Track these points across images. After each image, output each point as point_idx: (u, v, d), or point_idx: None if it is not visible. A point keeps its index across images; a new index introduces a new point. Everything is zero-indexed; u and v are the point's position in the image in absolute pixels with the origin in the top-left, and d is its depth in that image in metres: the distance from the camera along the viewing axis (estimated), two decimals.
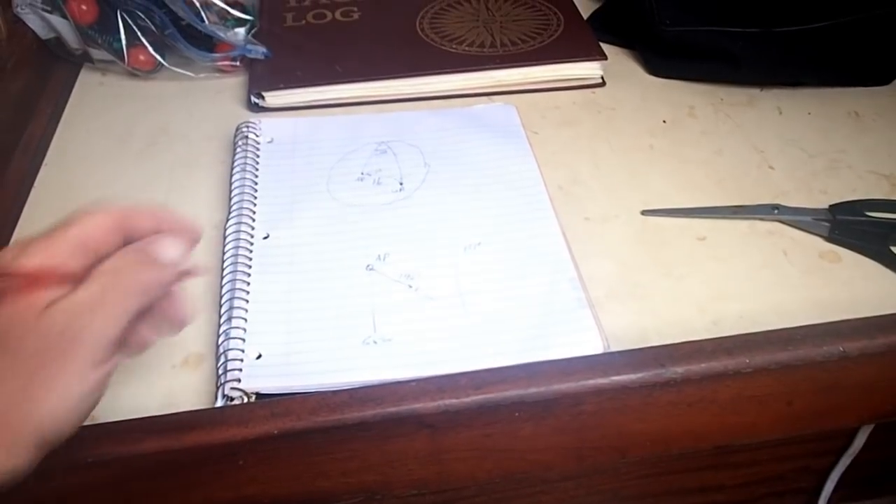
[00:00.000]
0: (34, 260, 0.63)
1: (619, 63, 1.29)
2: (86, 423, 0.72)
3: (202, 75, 1.23)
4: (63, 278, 0.63)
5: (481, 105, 1.19)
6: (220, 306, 0.87)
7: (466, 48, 1.25)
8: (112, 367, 0.64)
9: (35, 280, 0.62)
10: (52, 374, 0.59)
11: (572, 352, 0.81)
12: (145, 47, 1.20)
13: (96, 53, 1.22)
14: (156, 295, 0.67)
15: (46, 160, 1.09)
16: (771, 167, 1.08)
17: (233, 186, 1.01)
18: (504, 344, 0.84)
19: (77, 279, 0.63)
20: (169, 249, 0.68)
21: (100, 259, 0.65)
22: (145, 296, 0.66)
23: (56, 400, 0.59)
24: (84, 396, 0.61)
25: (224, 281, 0.90)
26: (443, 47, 1.26)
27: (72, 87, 1.24)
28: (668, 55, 1.25)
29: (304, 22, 1.33)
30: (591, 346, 0.83)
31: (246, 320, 0.85)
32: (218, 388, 0.79)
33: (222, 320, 0.86)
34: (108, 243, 0.67)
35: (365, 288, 0.90)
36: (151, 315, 0.69)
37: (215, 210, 1.00)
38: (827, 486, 1.12)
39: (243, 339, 0.83)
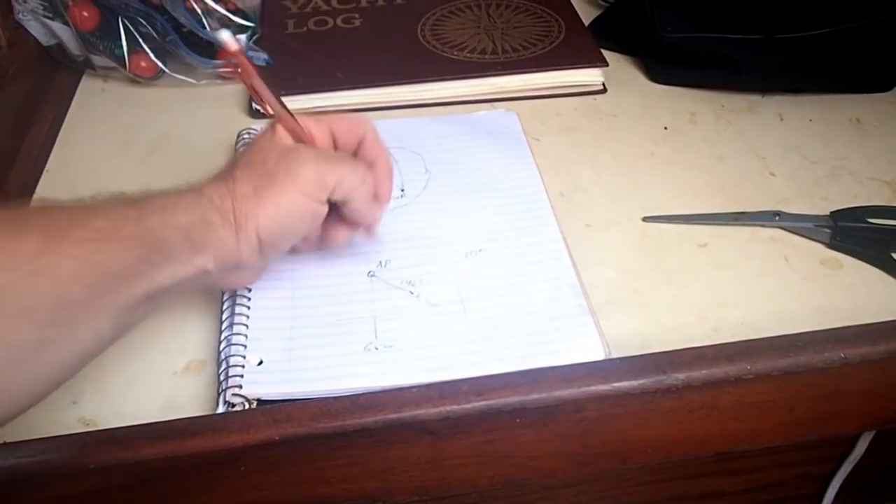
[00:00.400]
0: (301, 122, 0.85)
1: (620, 70, 1.29)
2: (88, 430, 0.73)
3: (203, 82, 1.23)
4: (315, 142, 0.86)
5: (483, 112, 1.19)
6: (222, 313, 0.87)
7: (468, 55, 1.25)
8: (319, 210, 0.83)
9: (295, 131, 0.84)
10: (275, 189, 0.79)
11: (574, 358, 0.81)
12: (147, 54, 1.20)
13: (98, 60, 1.23)
14: (360, 197, 0.85)
15: (48, 166, 1.09)
16: (772, 174, 1.08)
17: None
18: (505, 350, 0.84)
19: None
20: (383, 203, 0.90)
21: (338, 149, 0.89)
22: (360, 187, 0.84)
23: (272, 208, 0.79)
24: (291, 214, 0.81)
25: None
26: (444, 54, 1.26)
27: (73, 93, 1.24)
28: (670, 62, 1.25)
29: (305, 29, 1.33)
30: (593, 352, 0.83)
31: (247, 326, 0.85)
32: (219, 394, 0.79)
33: (224, 327, 0.86)
34: (349, 142, 0.89)
35: (366, 294, 0.90)
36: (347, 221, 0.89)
37: None
38: (828, 493, 1.12)
39: (245, 346, 0.83)
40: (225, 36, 0.80)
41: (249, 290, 0.89)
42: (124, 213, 0.71)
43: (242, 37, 1.24)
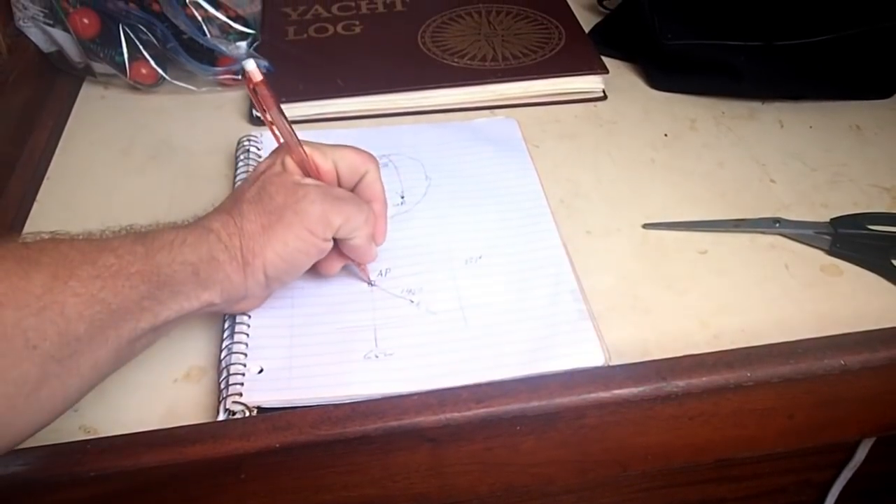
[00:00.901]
0: (309, 156, 0.86)
1: (620, 76, 1.29)
2: (88, 437, 0.73)
3: (204, 89, 1.23)
4: (321, 177, 0.87)
5: (483, 119, 1.19)
6: (223, 321, 0.87)
7: (468, 62, 1.25)
8: (323, 247, 0.84)
9: (303, 165, 0.86)
10: (283, 227, 0.80)
11: (574, 363, 0.81)
12: (147, 61, 1.20)
13: (98, 67, 1.23)
14: (361, 236, 0.87)
15: (48, 173, 1.09)
16: (772, 180, 1.08)
17: None
18: (506, 356, 0.83)
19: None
20: (384, 229, 0.93)
21: (340, 185, 0.90)
22: (363, 227, 0.86)
23: (279, 246, 0.80)
24: (297, 252, 0.82)
25: None
26: (444, 61, 1.26)
27: (74, 100, 1.24)
28: (670, 69, 1.25)
29: (305, 36, 1.33)
30: (593, 357, 0.83)
31: (248, 335, 0.85)
32: (220, 401, 0.80)
33: (224, 335, 0.86)
34: (350, 178, 0.90)
35: (366, 303, 0.90)
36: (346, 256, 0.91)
37: None
38: (828, 500, 1.12)
39: (245, 354, 0.83)
40: (250, 66, 0.82)
41: None
42: (133, 249, 0.72)
43: (243, 44, 1.23)
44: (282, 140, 0.86)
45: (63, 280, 0.66)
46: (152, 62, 1.20)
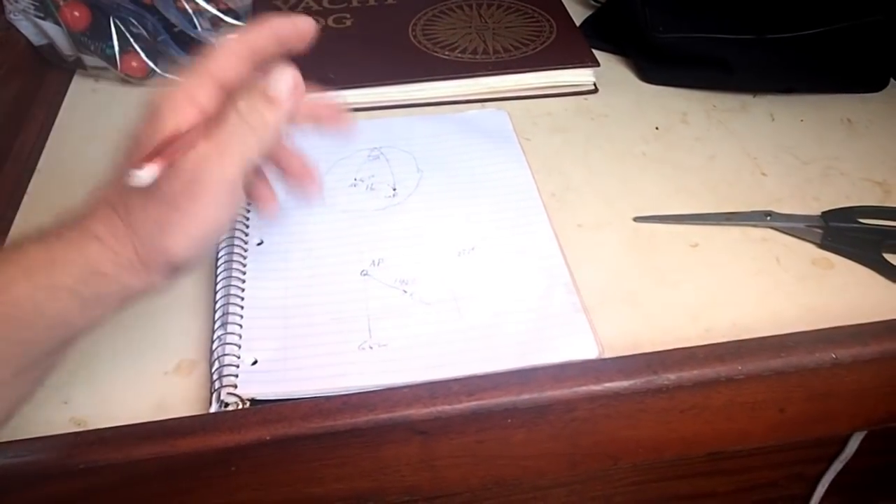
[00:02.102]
0: (170, 122, 0.71)
1: (611, 70, 1.29)
2: (78, 430, 0.73)
3: None
4: (194, 132, 0.70)
5: (474, 111, 1.19)
6: (215, 312, 0.87)
7: (459, 55, 1.25)
8: (238, 197, 0.72)
9: (171, 141, 0.70)
10: (181, 214, 0.68)
11: (567, 355, 0.82)
12: (138, 54, 1.20)
13: (89, 60, 1.22)
14: (273, 138, 0.74)
15: (39, 167, 1.09)
16: (764, 174, 1.08)
17: None
18: (499, 348, 0.84)
19: (213, 118, 0.72)
20: (281, 82, 0.76)
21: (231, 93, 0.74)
22: (263, 140, 0.72)
23: (182, 236, 0.68)
24: (206, 233, 0.71)
25: (218, 287, 0.89)
26: (435, 54, 1.26)
27: (64, 93, 1.23)
28: (661, 62, 1.25)
29: None
30: (587, 349, 0.83)
31: (241, 326, 0.85)
32: (213, 393, 0.79)
33: (217, 326, 0.86)
34: (238, 74, 0.75)
35: (360, 293, 0.90)
36: (272, 173, 0.82)
37: None
38: (817, 492, 1.12)
39: (239, 346, 0.83)
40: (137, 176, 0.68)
41: (243, 290, 0.89)
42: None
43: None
44: None
45: None
46: (143, 55, 1.20)
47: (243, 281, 0.90)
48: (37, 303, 0.65)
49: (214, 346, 0.84)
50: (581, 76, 1.24)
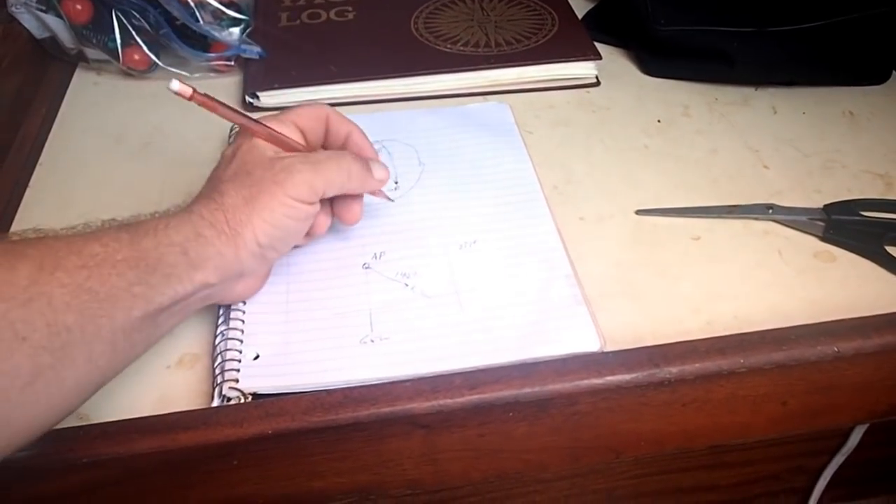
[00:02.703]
0: (276, 126, 0.86)
1: (613, 63, 1.29)
2: (80, 424, 0.73)
3: (197, 75, 1.23)
4: (289, 145, 0.86)
5: (476, 104, 1.19)
6: (217, 307, 0.87)
7: (461, 48, 1.25)
8: (312, 211, 0.84)
9: (272, 140, 0.85)
10: (266, 196, 0.80)
11: (570, 348, 0.82)
12: (140, 47, 1.20)
13: (91, 53, 1.22)
14: (353, 188, 0.88)
15: (41, 160, 1.09)
16: (765, 166, 1.08)
17: None
18: (501, 341, 0.84)
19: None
20: (379, 170, 0.91)
21: (310, 141, 0.91)
22: (348, 182, 0.87)
23: (266, 213, 0.80)
24: (286, 218, 0.81)
25: None
26: (437, 47, 1.26)
27: (66, 86, 1.23)
28: (663, 55, 1.25)
29: (298, 22, 1.33)
30: (589, 342, 0.83)
31: (243, 321, 0.85)
32: (215, 388, 0.79)
33: (219, 321, 0.86)
34: (317, 130, 0.91)
35: (361, 287, 0.90)
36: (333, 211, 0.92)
37: None
38: (818, 485, 1.12)
39: (241, 340, 0.83)
40: (175, 87, 0.80)
41: None
42: (118, 237, 0.72)
43: (236, 30, 1.23)
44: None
45: (49, 271, 0.65)
46: (145, 48, 1.20)
47: None
48: (159, 254, 0.73)
49: (216, 340, 0.84)
50: (583, 69, 1.24)
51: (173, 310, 0.75)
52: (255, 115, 0.88)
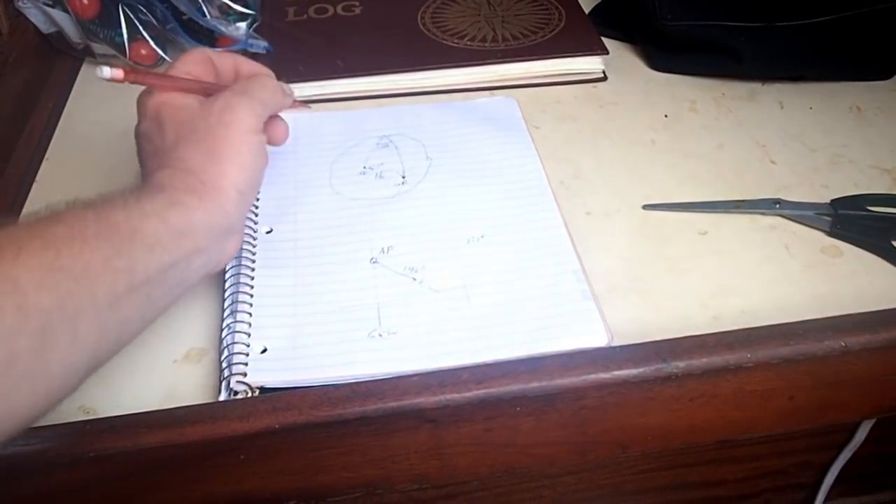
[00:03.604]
0: (185, 73, 0.87)
1: (620, 58, 1.29)
2: (87, 418, 0.73)
3: None
4: (209, 89, 0.87)
5: (483, 98, 1.19)
6: (224, 301, 0.87)
7: (468, 43, 1.25)
8: (264, 140, 0.85)
9: (194, 89, 0.86)
10: (226, 142, 0.80)
11: (578, 343, 0.82)
12: (147, 42, 1.20)
13: (98, 48, 1.22)
14: (280, 105, 0.91)
15: (48, 154, 1.09)
16: (772, 161, 1.08)
17: None
18: (509, 335, 0.83)
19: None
20: (283, 84, 0.92)
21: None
22: (278, 98, 0.89)
23: (234, 156, 0.80)
24: (251, 156, 0.82)
25: (227, 276, 0.89)
26: (444, 42, 1.26)
27: (73, 81, 1.24)
28: (670, 50, 1.25)
29: (305, 16, 1.33)
30: (597, 337, 0.83)
31: (250, 315, 0.85)
32: (222, 381, 0.80)
33: (226, 314, 0.86)
34: (208, 71, 0.90)
35: (369, 281, 0.90)
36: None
37: None
38: (826, 480, 1.12)
39: (248, 334, 0.83)
40: (105, 74, 0.79)
41: (252, 279, 0.89)
42: (83, 215, 0.70)
43: (242, 24, 1.23)
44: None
45: (10, 258, 0.63)
46: (152, 43, 1.20)
47: (252, 269, 0.90)
48: (133, 225, 0.71)
49: (224, 334, 0.84)
50: (590, 64, 1.24)
51: (165, 282, 0.73)
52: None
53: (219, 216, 0.78)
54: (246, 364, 0.80)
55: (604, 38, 1.26)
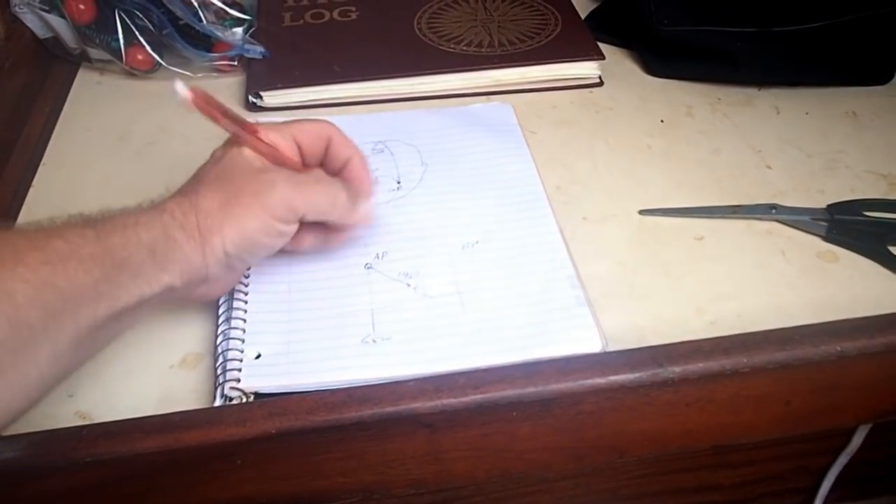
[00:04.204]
0: (268, 136, 0.85)
1: (616, 63, 1.29)
2: (83, 423, 0.73)
3: (200, 75, 1.23)
4: (280, 160, 0.85)
5: (478, 104, 1.19)
6: (218, 307, 0.87)
7: (464, 48, 1.25)
8: (288, 231, 0.82)
9: (264, 153, 0.84)
10: (241, 207, 0.78)
11: (571, 349, 0.82)
12: (143, 47, 1.20)
13: (94, 53, 1.23)
14: (334, 217, 0.87)
15: (44, 159, 1.09)
16: (769, 167, 1.08)
17: None
18: (503, 342, 0.84)
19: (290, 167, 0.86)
20: (364, 207, 0.89)
21: (306, 159, 0.89)
22: (332, 210, 0.85)
23: (237, 224, 0.78)
24: (257, 232, 0.79)
25: None
26: (441, 47, 1.26)
27: (70, 86, 1.24)
28: (666, 55, 1.25)
29: (301, 21, 1.33)
30: (591, 343, 0.83)
31: (245, 321, 0.85)
32: (217, 387, 0.80)
33: (220, 321, 0.86)
34: (316, 148, 0.88)
35: (363, 287, 0.90)
36: (319, 233, 0.90)
37: None
38: (824, 485, 1.12)
39: (242, 340, 0.83)
40: (179, 88, 0.80)
41: (247, 285, 0.89)
42: (83, 233, 0.71)
43: (239, 30, 1.23)
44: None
45: (9, 267, 0.65)
46: (148, 48, 1.20)
47: (247, 276, 0.90)
48: (127, 252, 0.72)
49: (218, 340, 0.84)
50: (586, 69, 1.24)
51: (138, 310, 0.74)
52: (259, 116, 0.88)
53: (196, 264, 0.77)
54: (240, 370, 0.80)
55: (600, 44, 1.27)
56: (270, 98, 1.17)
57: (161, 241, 0.75)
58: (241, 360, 0.81)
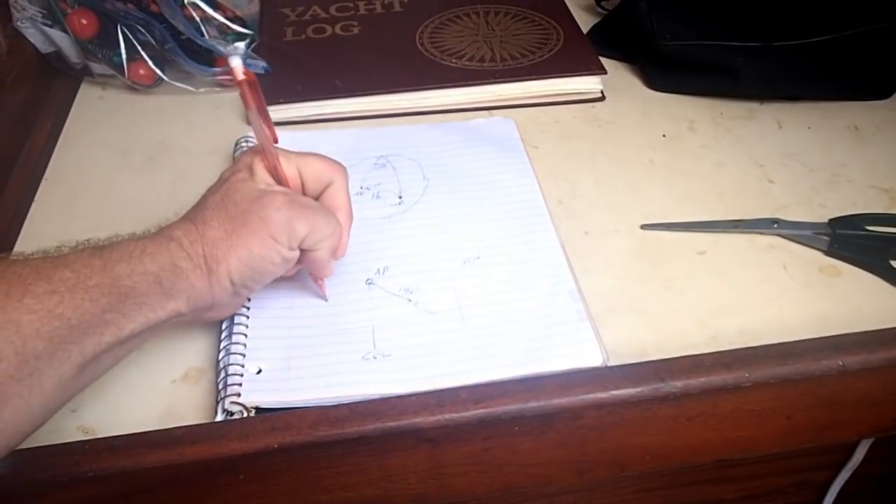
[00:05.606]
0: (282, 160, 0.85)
1: (618, 77, 1.29)
2: (87, 438, 0.73)
3: (202, 89, 1.23)
4: (283, 177, 0.85)
5: (480, 119, 1.19)
6: (221, 322, 0.87)
7: (466, 62, 1.25)
8: (291, 257, 0.82)
9: (274, 171, 0.84)
10: (246, 233, 0.79)
11: (572, 363, 0.82)
12: (145, 61, 1.20)
13: (96, 67, 1.23)
14: (326, 248, 0.85)
15: (47, 174, 1.09)
16: (771, 181, 1.08)
17: None
18: (504, 357, 0.83)
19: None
20: (345, 242, 0.89)
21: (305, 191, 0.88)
22: (328, 239, 0.84)
23: (243, 252, 0.78)
24: (262, 259, 0.80)
25: None
26: (442, 62, 1.26)
27: (72, 100, 1.24)
28: (668, 69, 1.25)
29: (303, 36, 1.33)
30: (591, 358, 0.83)
31: (246, 335, 0.85)
32: (218, 402, 0.80)
33: (223, 336, 0.86)
34: (314, 186, 0.88)
35: (364, 302, 0.90)
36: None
37: None
38: (826, 501, 1.12)
39: (243, 355, 0.83)
40: (235, 63, 0.79)
41: (249, 300, 0.89)
42: (90, 262, 0.71)
43: (241, 44, 1.24)
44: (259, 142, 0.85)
45: (17, 297, 0.65)
46: (150, 63, 1.20)
47: None
48: (133, 282, 0.72)
49: (220, 355, 0.84)
50: (588, 84, 1.24)
51: (143, 335, 0.75)
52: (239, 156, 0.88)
53: (203, 293, 0.78)
54: (241, 385, 0.80)
55: (602, 58, 1.27)
56: (273, 113, 1.15)
57: (168, 270, 0.75)
58: (242, 375, 0.81)
